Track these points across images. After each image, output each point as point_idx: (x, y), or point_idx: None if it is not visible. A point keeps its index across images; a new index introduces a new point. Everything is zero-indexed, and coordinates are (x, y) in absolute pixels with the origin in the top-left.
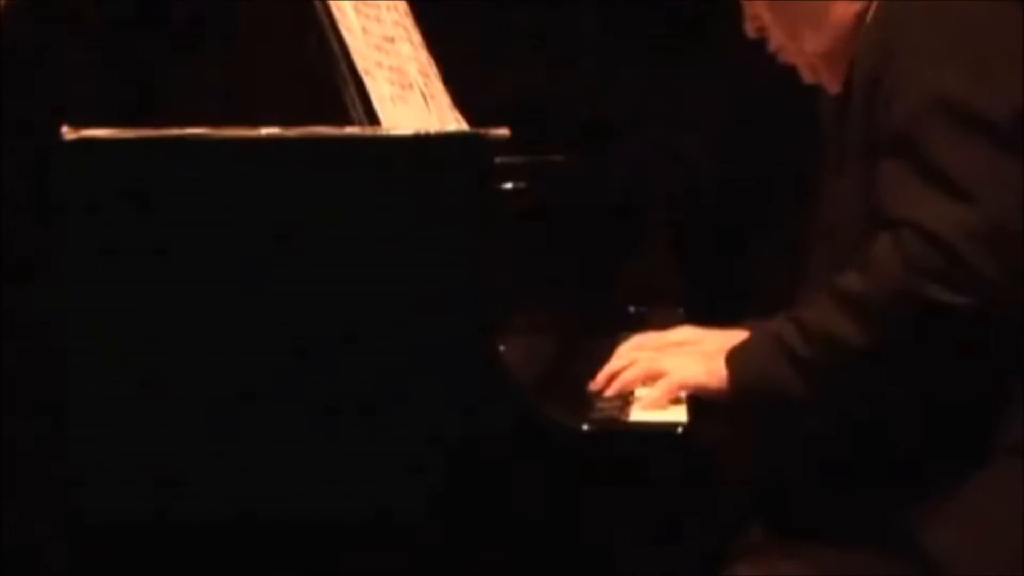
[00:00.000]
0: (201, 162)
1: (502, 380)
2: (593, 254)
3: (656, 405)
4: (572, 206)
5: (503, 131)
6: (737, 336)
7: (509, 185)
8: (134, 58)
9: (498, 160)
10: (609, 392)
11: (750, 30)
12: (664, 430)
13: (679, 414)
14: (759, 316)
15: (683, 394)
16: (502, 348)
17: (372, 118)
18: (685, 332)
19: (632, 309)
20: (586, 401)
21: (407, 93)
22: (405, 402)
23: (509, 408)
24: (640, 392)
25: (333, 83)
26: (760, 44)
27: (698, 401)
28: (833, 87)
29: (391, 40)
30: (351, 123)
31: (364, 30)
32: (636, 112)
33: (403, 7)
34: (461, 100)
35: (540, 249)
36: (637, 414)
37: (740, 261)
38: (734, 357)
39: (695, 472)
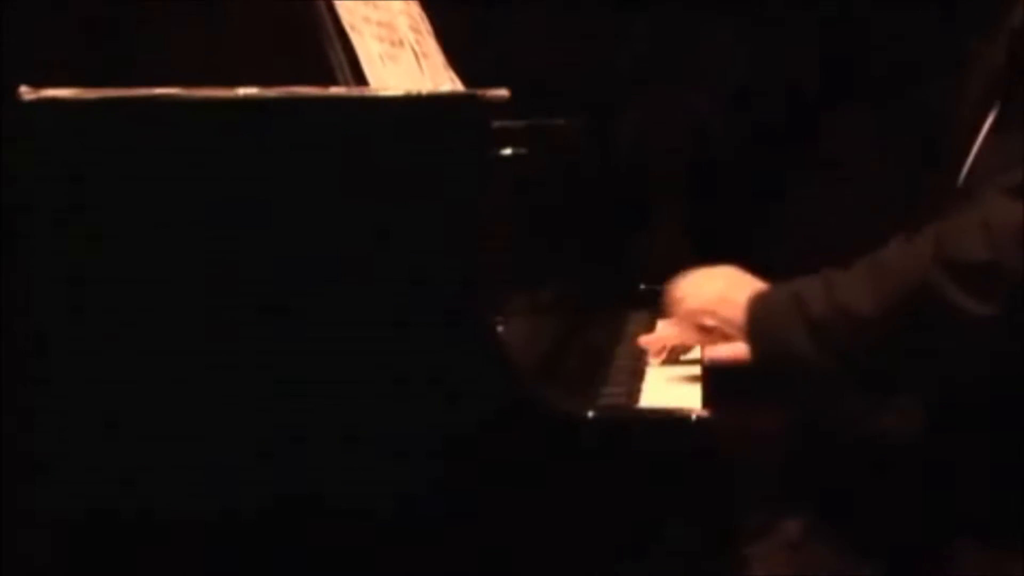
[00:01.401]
0: (172, 125)
1: (500, 362)
2: (599, 226)
3: (663, 344)
4: (576, 173)
5: (501, 92)
6: None
7: (508, 151)
8: (101, 14)
9: (496, 124)
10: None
11: None
12: (676, 417)
13: (693, 398)
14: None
15: (696, 373)
16: (500, 328)
17: (360, 78)
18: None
19: (642, 287)
20: (592, 385)
21: (397, 51)
22: (395, 384)
23: (508, 392)
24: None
25: (317, 40)
26: None
27: (715, 381)
28: None
29: None
30: (337, 84)
31: None
32: (645, 69)
33: None
34: (456, 61)
35: (542, 220)
36: (648, 398)
37: (761, 233)
38: (752, 304)
39: (711, 462)
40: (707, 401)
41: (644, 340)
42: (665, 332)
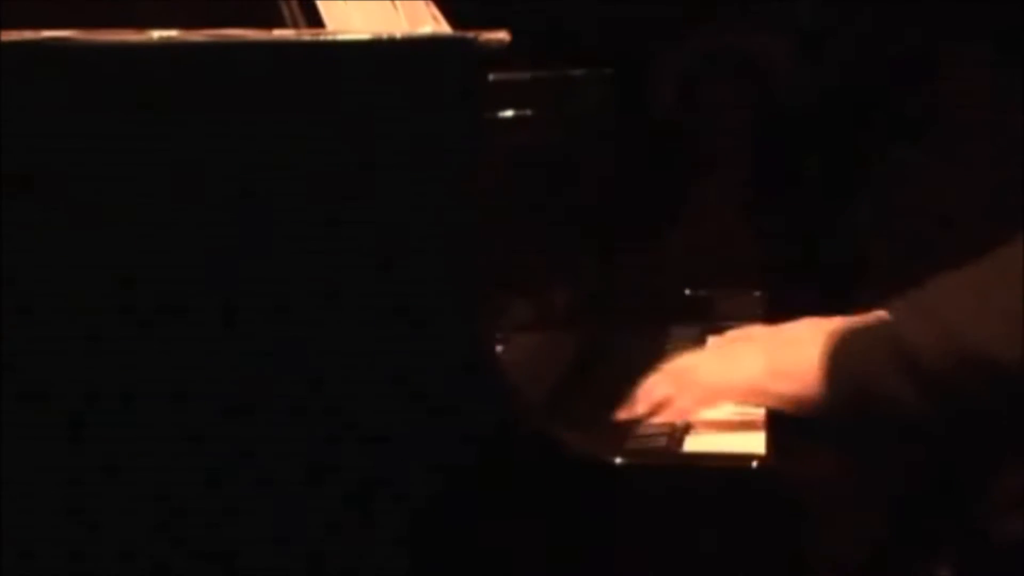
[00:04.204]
0: (66, 75)
1: (497, 392)
2: (630, 212)
3: (655, 412)
4: (599, 142)
5: (500, 34)
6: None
7: (509, 112)
8: None
9: (493, 76)
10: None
11: None
12: (733, 465)
13: (754, 442)
14: (869, 303)
15: (760, 414)
16: (500, 348)
17: (314, 18)
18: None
19: (688, 292)
20: (621, 423)
21: None
22: (361, 419)
23: (507, 433)
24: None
25: None
26: None
27: (781, 424)
28: None
29: None
30: (283, 25)
31: None
32: (689, 7)
33: None
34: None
35: (554, 204)
36: (696, 441)
37: (843, 223)
38: (833, 351)
39: (775, 523)
40: (772, 445)
41: (637, 411)
42: (679, 411)
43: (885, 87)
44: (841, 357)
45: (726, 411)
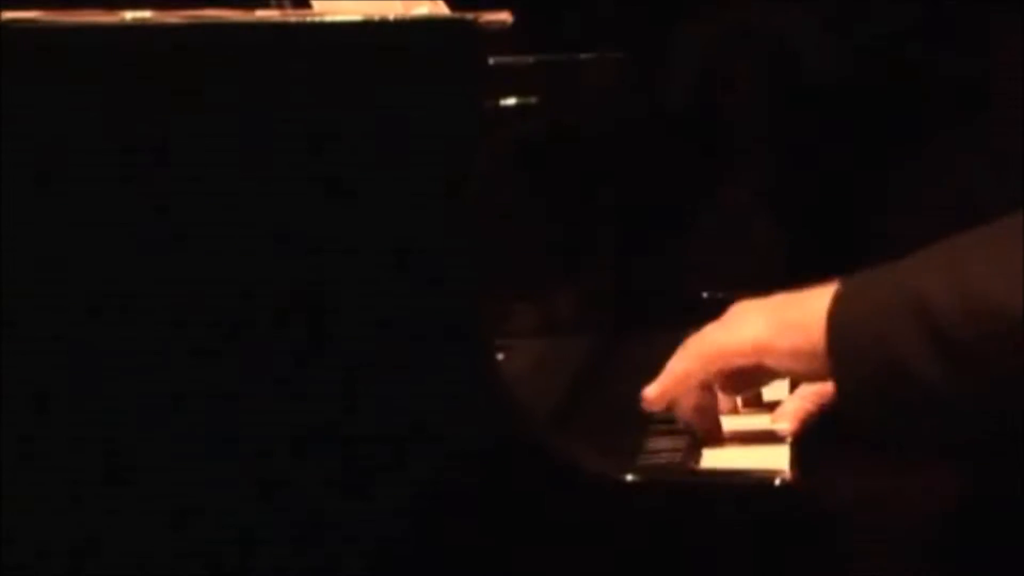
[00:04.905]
0: (31, 59)
1: (499, 404)
2: (644, 207)
3: (675, 384)
4: (610, 133)
5: (502, 15)
6: None
7: (512, 100)
8: None
9: (494, 60)
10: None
11: None
12: (754, 483)
13: (777, 457)
14: None
15: (785, 427)
16: (500, 355)
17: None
18: None
19: (705, 295)
20: (635, 436)
21: None
22: (355, 428)
23: (509, 446)
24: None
25: None
26: None
27: (807, 437)
28: None
29: None
30: (267, 6)
31: None
32: None
33: None
34: None
35: (561, 199)
36: (715, 456)
37: (877, 220)
38: (843, 302)
39: (804, 545)
40: (797, 460)
41: (648, 393)
42: (677, 370)
43: (923, 68)
44: (849, 306)
45: (746, 421)
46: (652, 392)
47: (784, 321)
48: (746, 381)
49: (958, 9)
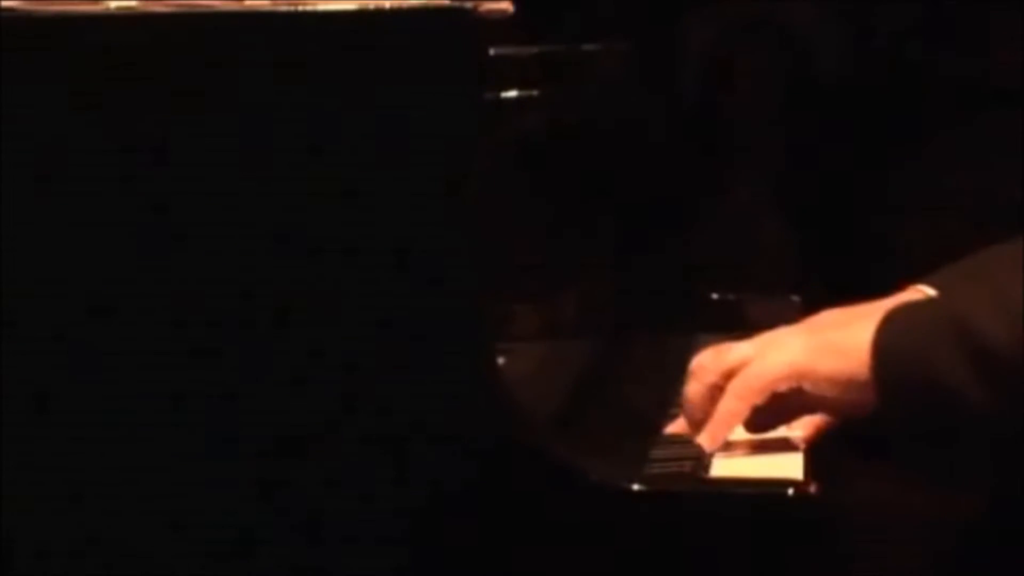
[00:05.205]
0: (16, 48)
1: (499, 409)
2: (650, 204)
3: (728, 428)
4: (615, 125)
5: (502, 3)
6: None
7: (513, 93)
8: None
9: (495, 51)
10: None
11: None
12: (767, 492)
13: (791, 466)
14: None
15: (798, 435)
16: (500, 358)
17: None
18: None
19: (715, 296)
20: (639, 443)
21: None
22: (344, 436)
23: (509, 453)
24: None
25: None
26: None
27: (823, 445)
28: None
29: None
30: None
31: None
32: None
33: None
34: None
35: (563, 196)
36: (725, 465)
37: (891, 219)
38: (887, 327)
39: (819, 558)
40: (812, 468)
41: (704, 438)
42: (727, 413)
43: (939, 61)
44: (895, 334)
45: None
46: (707, 442)
47: (825, 344)
48: (775, 415)
49: (958, 9)
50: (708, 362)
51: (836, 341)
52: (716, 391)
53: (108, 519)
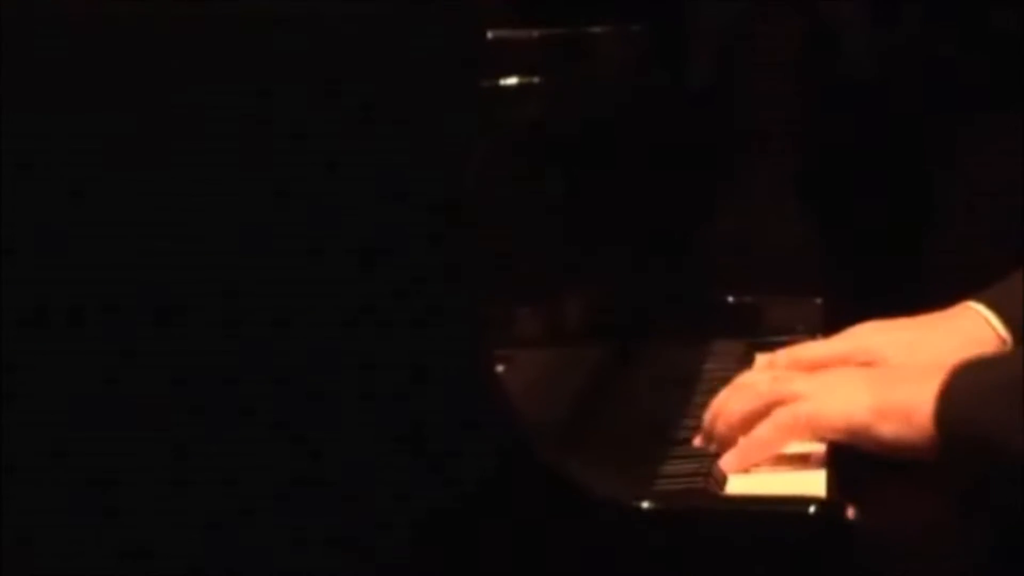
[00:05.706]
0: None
1: (498, 421)
2: (663, 200)
3: (758, 456)
4: (624, 115)
5: None
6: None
7: (513, 80)
8: None
9: (494, 34)
10: (730, 459)
11: None
12: (787, 510)
13: (813, 482)
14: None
15: (819, 449)
16: (500, 367)
17: None
18: (861, 335)
19: (731, 299)
20: (649, 458)
21: None
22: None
23: (509, 468)
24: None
25: None
26: None
27: (846, 458)
28: None
29: None
30: None
31: None
32: None
33: None
34: None
35: (568, 191)
36: (741, 481)
37: (918, 216)
38: (950, 390)
39: None
40: (835, 484)
41: (728, 460)
42: (762, 441)
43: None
44: (959, 398)
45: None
46: (730, 465)
47: (888, 407)
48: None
49: (958, 9)
50: (759, 383)
51: (900, 404)
52: (756, 415)
53: (108, 519)
